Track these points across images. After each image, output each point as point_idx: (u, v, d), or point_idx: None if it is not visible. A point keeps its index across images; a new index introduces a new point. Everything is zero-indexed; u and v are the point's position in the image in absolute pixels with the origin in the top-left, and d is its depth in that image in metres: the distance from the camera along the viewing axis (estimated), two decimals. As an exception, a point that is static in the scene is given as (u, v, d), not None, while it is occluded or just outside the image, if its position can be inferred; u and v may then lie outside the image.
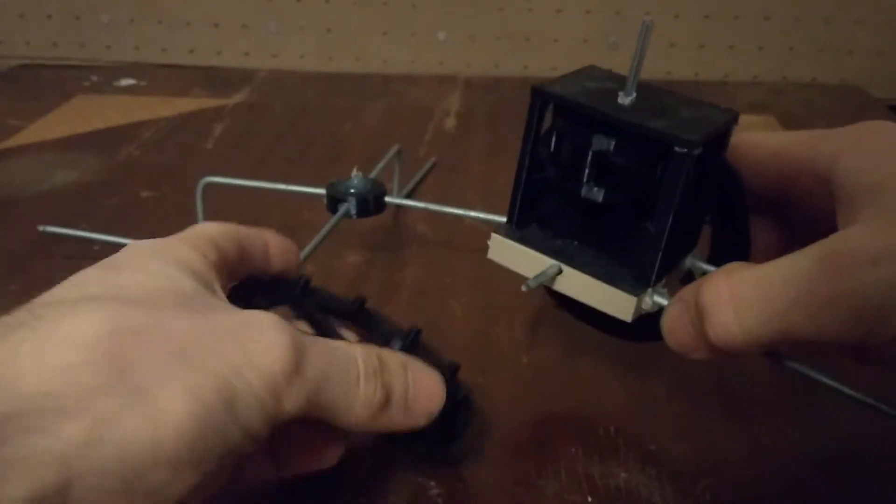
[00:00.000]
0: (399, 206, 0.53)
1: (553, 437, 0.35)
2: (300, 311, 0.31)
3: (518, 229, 0.32)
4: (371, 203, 0.44)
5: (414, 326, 0.30)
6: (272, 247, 0.31)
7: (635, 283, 0.29)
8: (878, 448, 0.34)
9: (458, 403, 0.30)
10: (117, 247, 0.50)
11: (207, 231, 0.28)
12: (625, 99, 0.28)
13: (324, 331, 0.30)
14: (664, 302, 0.29)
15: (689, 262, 0.32)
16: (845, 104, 0.83)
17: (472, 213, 0.39)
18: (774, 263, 0.24)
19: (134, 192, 0.59)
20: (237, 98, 0.81)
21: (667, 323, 0.27)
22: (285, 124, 0.75)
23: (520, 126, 0.31)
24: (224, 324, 0.22)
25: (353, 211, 0.44)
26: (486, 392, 0.36)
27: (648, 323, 0.29)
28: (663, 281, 0.29)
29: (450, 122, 0.75)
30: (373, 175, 0.49)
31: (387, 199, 0.45)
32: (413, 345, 0.30)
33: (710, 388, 0.38)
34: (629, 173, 0.28)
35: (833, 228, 0.25)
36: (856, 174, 0.25)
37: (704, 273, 0.31)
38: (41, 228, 0.51)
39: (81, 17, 0.89)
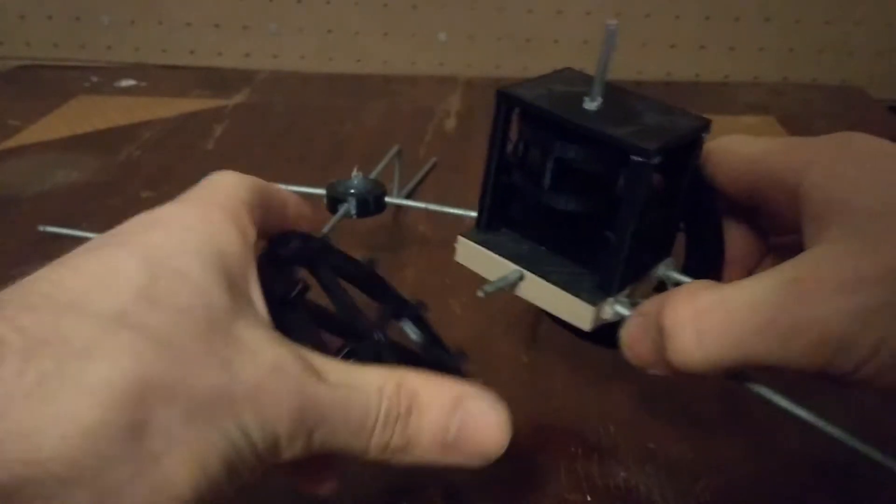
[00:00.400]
0: (399, 207, 0.54)
1: (552, 436, 0.35)
2: (318, 276, 0.29)
3: (487, 232, 0.31)
4: (371, 203, 0.44)
5: (419, 302, 0.30)
6: (291, 208, 0.29)
7: (596, 292, 0.28)
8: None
9: None
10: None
11: (241, 193, 0.26)
12: (590, 104, 0.27)
13: (339, 304, 0.29)
14: (626, 312, 0.28)
15: (662, 271, 0.31)
16: (845, 105, 0.83)
17: (472, 213, 0.39)
18: (739, 286, 0.24)
19: (134, 192, 0.59)
20: (237, 98, 0.81)
21: (625, 336, 0.27)
22: (286, 125, 0.75)
23: (519, 125, 0.31)
24: (245, 377, 0.21)
25: (353, 211, 0.44)
26: (485, 392, 0.36)
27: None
28: (627, 290, 0.28)
29: (450, 123, 0.75)
30: (373, 175, 0.49)
31: (387, 199, 0.45)
32: (417, 318, 0.29)
33: (709, 388, 0.38)
34: (590, 181, 0.28)
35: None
36: (823, 190, 0.24)
37: (677, 283, 0.30)
38: (41, 228, 0.51)
39: (82, 18, 0.89)
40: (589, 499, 0.31)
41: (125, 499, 0.18)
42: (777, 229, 0.30)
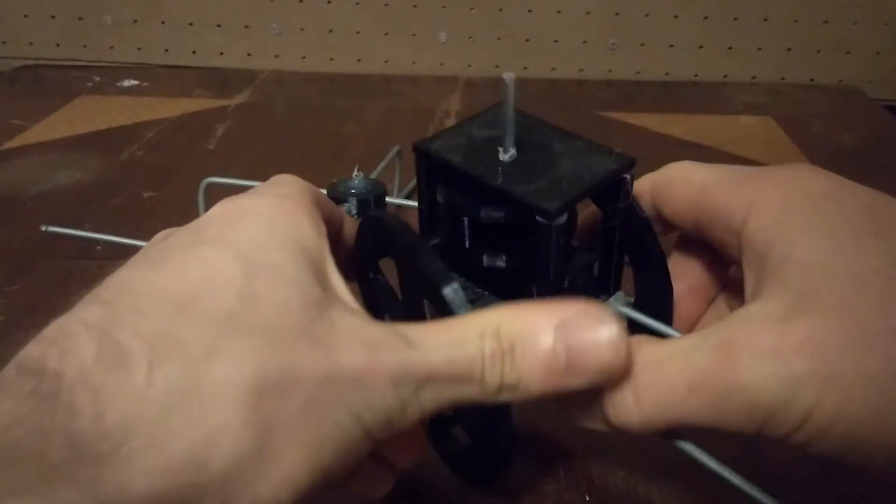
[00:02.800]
0: (399, 206, 0.54)
1: (551, 436, 0.35)
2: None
3: None
4: (371, 203, 0.44)
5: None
6: (337, 219, 0.29)
7: None
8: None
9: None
10: (119, 247, 0.50)
11: (308, 191, 0.26)
12: (504, 155, 0.27)
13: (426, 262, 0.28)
14: None
15: (612, 305, 0.30)
16: (844, 105, 0.83)
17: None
18: (675, 345, 0.23)
19: (136, 192, 0.60)
20: (239, 98, 0.81)
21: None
22: (287, 124, 0.76)
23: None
24: (347, 361, 0.21)
25: (354, 211, 0.44)
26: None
27: None
28: None
29: (450, 123, 0.75)
30: (374, 175, 0.50)
31: (387, 199, 0.45)
32: None
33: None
34: (508, 237, 0.27)
35: None
36: (763, 237, 0.24)
37: (627, 318, 0.29)
38: (44, 228, 0.51)
39: (85, 18, 0.90)
40: (588, 499, 0.32)
41: (251, 497, 0.19)
42: (732, 260, 0.29)
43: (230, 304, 0.20)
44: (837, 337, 0.21)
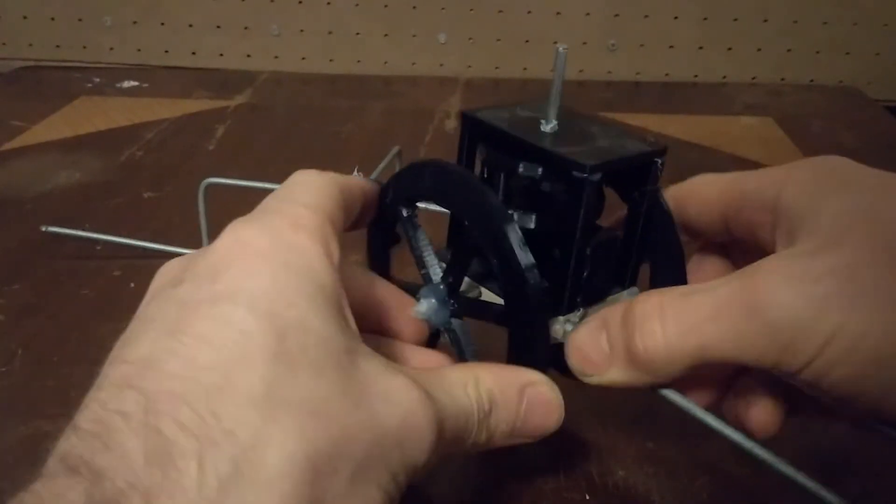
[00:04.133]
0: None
1: (552, 435, 0.35)
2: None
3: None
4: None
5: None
6: (368, 196, 0.30)
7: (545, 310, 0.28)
8: (871, 446, 0.34)
9: None
10: (119, 246, 0.50)
11: (324, 203, 0.25)
12: (546, 126, 0.28)
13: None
14: None
15: (626, 298, 0.30)
16: (843, 105, 0.83)
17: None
18: (703, 283, 0.24)
19: (136, 192, 0.60)
20: (239, 99, 0.81)
21: (576, 338, 0.27)
22: (287, 125, 0.76)
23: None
24: (386, 423, 0.21)
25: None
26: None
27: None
28: (580, 312, 0.28)
29: (450, 124, 0.75)
30: (373, 176, 0.50)
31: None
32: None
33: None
34: (540, 199, 0.28)
35: None
36: (798, 200, 0.25)
37: None
38: (44, 229, 0.51)
39: (84, 20, 0.90)
40: (588, 498, 0.32)
41: None
42: (750, 259, 0.30)
43: (267, 376, 0.19)
44: (868, 261, 0.21)
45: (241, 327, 0.20)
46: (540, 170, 0.27)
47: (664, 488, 0.32)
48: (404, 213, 0.31)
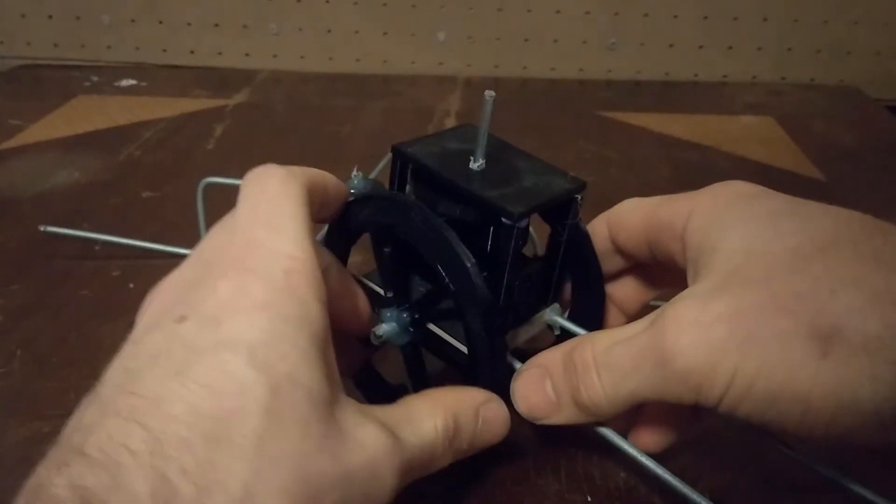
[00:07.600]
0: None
1: (552, 436, 0.35)
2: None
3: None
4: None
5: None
6: (331, 190, 0.31)
7: None
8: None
9: None
10: (118, 246, 0.50)
11: (304, 181, 0.28)
12: (474, 164, 0.30)
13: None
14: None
15: (549, 316, 0.33)
16: (843, 105, 0.83)
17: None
18: (623, 330, 0.26)
19: (135, 192, 0.60)
20: (238, 98, 0.81)
21: (521, 387, 0.29)
22: (285, 124, 0.76)
23: (518, 126, 0.31)
24: (356, 474, 0.23)
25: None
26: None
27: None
28: (508, 334, 0.31)
29: (449, 123, 0.75)
30: (373, 175, 0.50)
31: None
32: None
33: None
34: (467, 236, 0.28)
35: None
36: (699, 234, 0.27)
37: (562, 328, 0.33)
38: (42, 228, 0.51)
39: (82, 18, 0.89)
40: (589, 499, 0.32)
41: None
42: (666, 282, 0.33)
43: (258, 429, 0.21)
44: (752, 305, 0.23)
45: (240, 378, 0.21)
46: (468, 212, 0.29)
47: (666, 490, 0.32)
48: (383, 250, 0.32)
